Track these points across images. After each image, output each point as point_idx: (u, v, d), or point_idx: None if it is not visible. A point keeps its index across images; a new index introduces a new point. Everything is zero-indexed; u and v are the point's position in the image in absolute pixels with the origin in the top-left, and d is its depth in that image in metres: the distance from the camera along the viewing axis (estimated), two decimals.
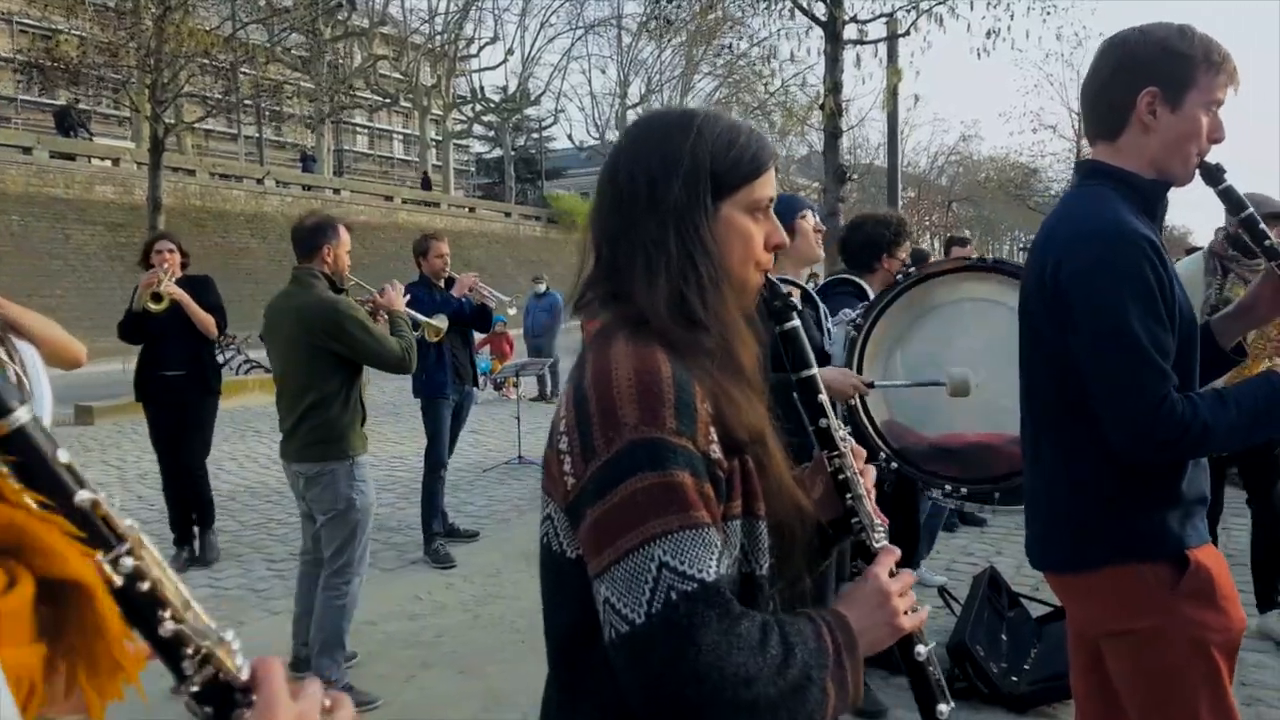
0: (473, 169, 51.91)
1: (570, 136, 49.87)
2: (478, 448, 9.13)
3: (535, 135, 49.93)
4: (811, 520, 1.14)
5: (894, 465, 3.22)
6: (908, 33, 11.89)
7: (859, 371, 3.22)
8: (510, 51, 41.03)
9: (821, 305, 3.21)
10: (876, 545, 1.18)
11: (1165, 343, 1.61)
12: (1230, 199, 1.85)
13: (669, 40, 27.34)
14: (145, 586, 0.59)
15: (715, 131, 1.11)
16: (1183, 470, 1.70)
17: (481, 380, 8.42)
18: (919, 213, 42.05)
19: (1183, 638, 1.67)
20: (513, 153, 44.99)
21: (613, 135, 45.87)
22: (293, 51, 28.44)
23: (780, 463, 1.10)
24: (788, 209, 3.09)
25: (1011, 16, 11.98)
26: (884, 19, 11.97)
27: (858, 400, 3.21)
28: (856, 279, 3.79)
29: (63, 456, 0.58)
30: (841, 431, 1.21)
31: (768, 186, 1.13)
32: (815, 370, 1.20)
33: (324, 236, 3.65)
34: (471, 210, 34.50)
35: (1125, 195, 1.72)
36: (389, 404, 12.03)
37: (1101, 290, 1.61)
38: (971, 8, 11.85)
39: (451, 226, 29.30)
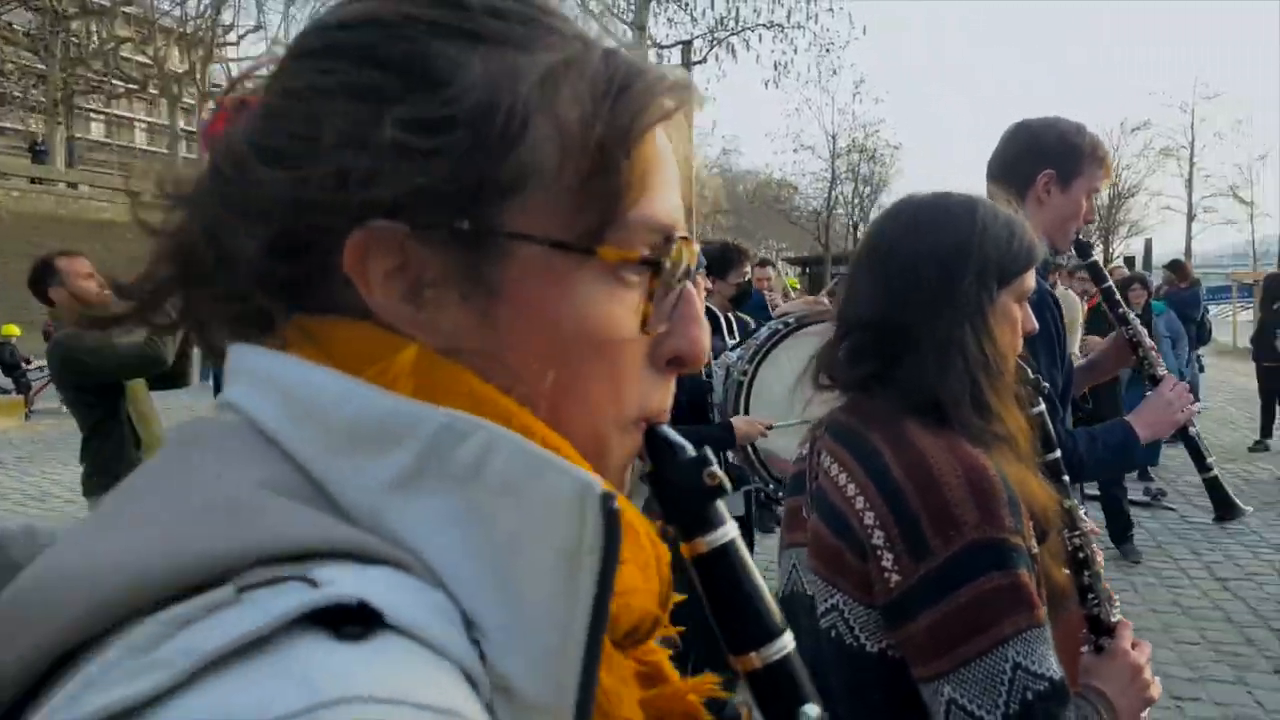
0: None
1: None
2: None
3: None
4: (1069, 600, 1.21)
5: (780, 492, 3.66)
6: (704, 60, 12.74)
7: (745, 413, 3.62)
8: (275, 41, 38.38)
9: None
10: (1114, 619, 1.25)
11: (1058, 381, 1.92)
12: (1095, 272, 2.31)
13: None
14: None
15: (997, 223, 1.16)
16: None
17: None
18: (694, 222, 43.90)
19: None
20: None
21: None
22: (17, 28, 25.28)
23: (1051, 544, 1.16)
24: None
25: (795, 51, 13.19)
26: (681, 46, 12.75)
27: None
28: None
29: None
30: (1081, 510, 1.32)
31: (1032, 275, 1.20)
32: (1059, 454, 1.29)
33: (45, 282, 3.44)
34: None
35: None
36: None
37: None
38: (760, 40, 12.91)
39: None
